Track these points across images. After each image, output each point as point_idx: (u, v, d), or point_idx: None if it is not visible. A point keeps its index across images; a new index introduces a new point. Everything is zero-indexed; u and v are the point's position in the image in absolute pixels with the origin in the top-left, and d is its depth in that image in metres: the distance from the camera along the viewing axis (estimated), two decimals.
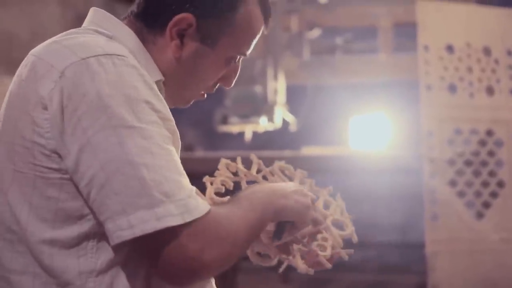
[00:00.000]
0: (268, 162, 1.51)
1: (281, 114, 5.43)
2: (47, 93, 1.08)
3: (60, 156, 1.08)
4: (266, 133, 5.49)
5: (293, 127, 5.61)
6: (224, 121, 5.31)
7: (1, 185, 1.14)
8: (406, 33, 5.26)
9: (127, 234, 1.02)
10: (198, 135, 6.55)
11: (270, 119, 5.27)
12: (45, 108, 1.08)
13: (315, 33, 5.81)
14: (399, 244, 6.51)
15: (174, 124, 1.15)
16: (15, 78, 1.19)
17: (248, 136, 5.43)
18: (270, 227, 1.33)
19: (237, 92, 5.07)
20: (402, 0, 5.51)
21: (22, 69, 1.17)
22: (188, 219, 1.04)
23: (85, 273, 1.10)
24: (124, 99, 1.06)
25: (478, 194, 3.55)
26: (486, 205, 3.54)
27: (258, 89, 5.22)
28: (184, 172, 1.10)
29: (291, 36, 5.75)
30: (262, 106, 5.22)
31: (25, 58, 1.20)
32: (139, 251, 1.09)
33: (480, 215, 3.56)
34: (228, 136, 5.68)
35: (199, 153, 5.75)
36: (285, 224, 1.32)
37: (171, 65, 1.26)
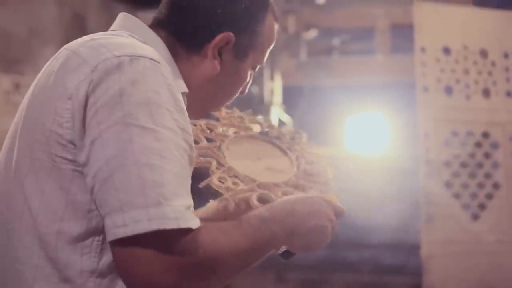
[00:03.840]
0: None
1: (277, 114, 5.43)
2: (75, 84, 1.08)
3: (76, 147, 1.08)
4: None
5: (289, 128, 5.62)
6: None
7: (19, 173, 1.14)
8: (403, 34, 5.27)
9: (120, 232, 1.00)
10: None
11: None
12: (70, 98, 1.08)
13: (312, 34, 5.83)
14: (394, 245, 6.51)
15: (192, 139, 1.13)
16: (44, 69, 1.19)
17: None
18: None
19: None
20: (400, 2, 5.53)
21: (54, 62, 1.17)
22: (183, 225, 1.00)
23: (87, 272, 1.09)
24: (145, 101, 1.05)
25: (474, 195, 3.56)
26: (482, 206, 3.55)
27: (254, 89, 5.22)
28: (189, 187, 1.07)
29: (288, 37, 5.76)
30: (259, 107, 5.23)
31: (58, 52, 1.20)
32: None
33: (475, 217, 3.56)
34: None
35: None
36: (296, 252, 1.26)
37: (203, 80, 1.28)
